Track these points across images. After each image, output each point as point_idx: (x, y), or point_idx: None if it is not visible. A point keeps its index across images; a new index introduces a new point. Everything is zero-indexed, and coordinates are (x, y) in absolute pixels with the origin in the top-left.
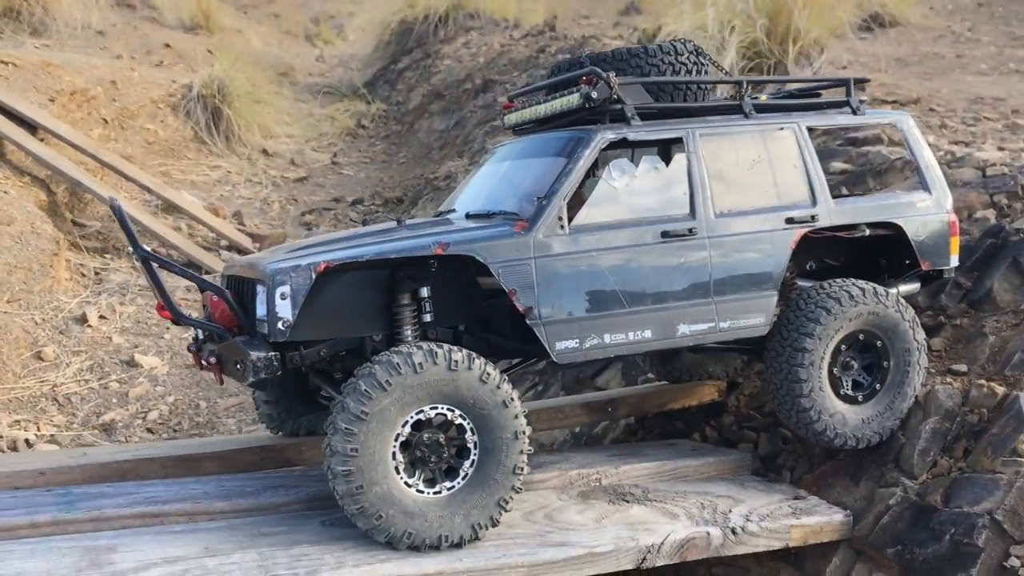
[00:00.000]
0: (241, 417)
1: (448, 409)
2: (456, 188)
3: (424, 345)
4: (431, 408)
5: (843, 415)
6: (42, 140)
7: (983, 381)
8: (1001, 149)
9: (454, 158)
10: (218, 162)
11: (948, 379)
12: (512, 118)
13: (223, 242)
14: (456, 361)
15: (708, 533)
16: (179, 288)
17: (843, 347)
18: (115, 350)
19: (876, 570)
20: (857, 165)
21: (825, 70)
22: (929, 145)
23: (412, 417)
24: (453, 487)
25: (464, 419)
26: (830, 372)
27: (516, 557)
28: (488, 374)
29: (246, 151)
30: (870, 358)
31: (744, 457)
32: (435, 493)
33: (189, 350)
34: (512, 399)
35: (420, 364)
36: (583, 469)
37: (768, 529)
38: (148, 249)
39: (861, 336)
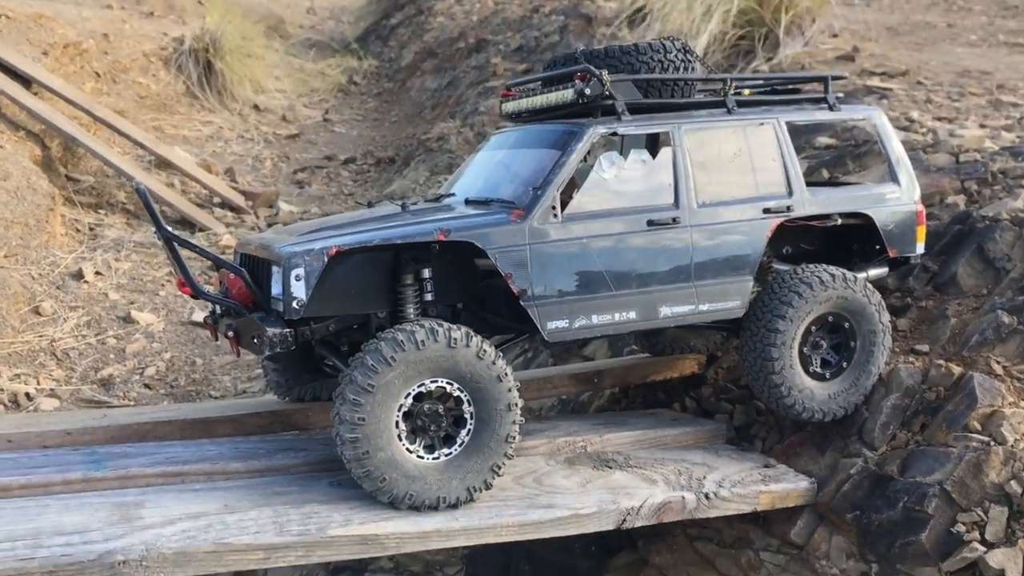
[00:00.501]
0: (236, 375)
1: (447, 382)
2: (455, 172)
3: (426, 323)
4: (431, 381)
5: (811, 391)
6: (36, 94)
7: (942, 361)
8: (983, 127)
9: (446, 119)
10: (210, 117)
11: (911, 358)
12: (509, 107)
13: (216, 199)
14: (455, 339)
15: (683, 497)
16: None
17: (813, 328)
18: (111, 306)
19: (836, 533)
20: (842, 140)
21: (816, 39)
22: (913, 121)
23: (414, 390)
24: (451, 453)
25: (461, 391)
26: (800, 351)
27: (507, 517)
28: (484, 351)
29: (237, 106)
30: (838, 338)
31: (720, 427)
32: (434, 459)
33: (205, 322)
34: (506, 374)
35: (422, 341)
36: (570, 436)
37: (739, 494)
38: (171, 230)
39: (830, 318)
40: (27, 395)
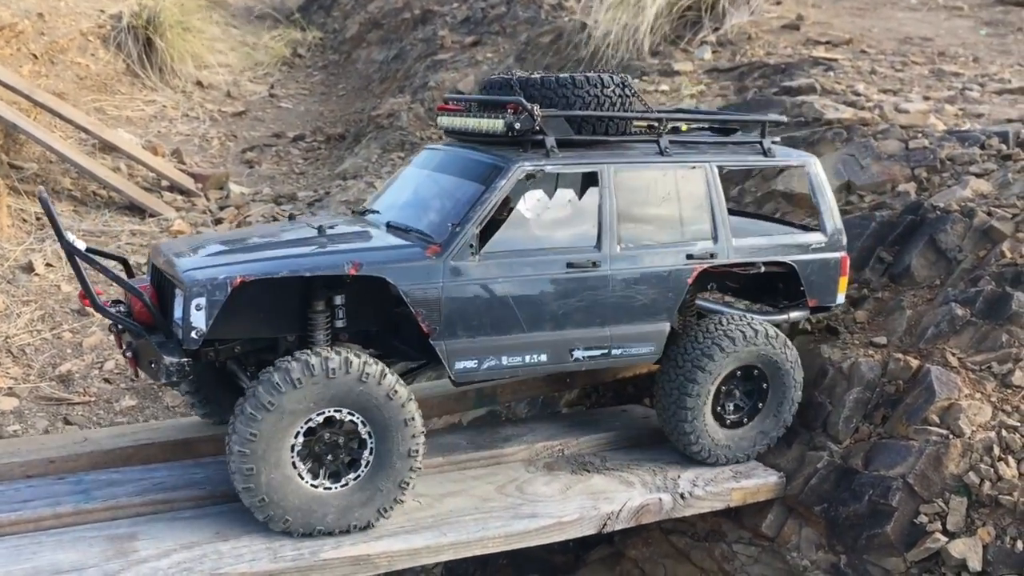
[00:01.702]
0: None
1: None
2: (383, 184)
3: (342, 352)
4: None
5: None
6: None
7: (900, 354)
8: (927, 99)
9: (396, 93)
10: (153, 96)
11: (870, 351)
12: (443, 122)
13: (164, 183)
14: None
15: (660, 499)
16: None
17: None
18: (64, 299)
19: (805, 525)
20: (792, 116)
21: (761, 7)
22: (859, 95)
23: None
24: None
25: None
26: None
27: (493, 530)
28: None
29: (180, 84)
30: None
31: None
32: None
33: (110, 331)
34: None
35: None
36: (547, 441)
37: (712, 493)
38: (73, 241)
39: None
40: None
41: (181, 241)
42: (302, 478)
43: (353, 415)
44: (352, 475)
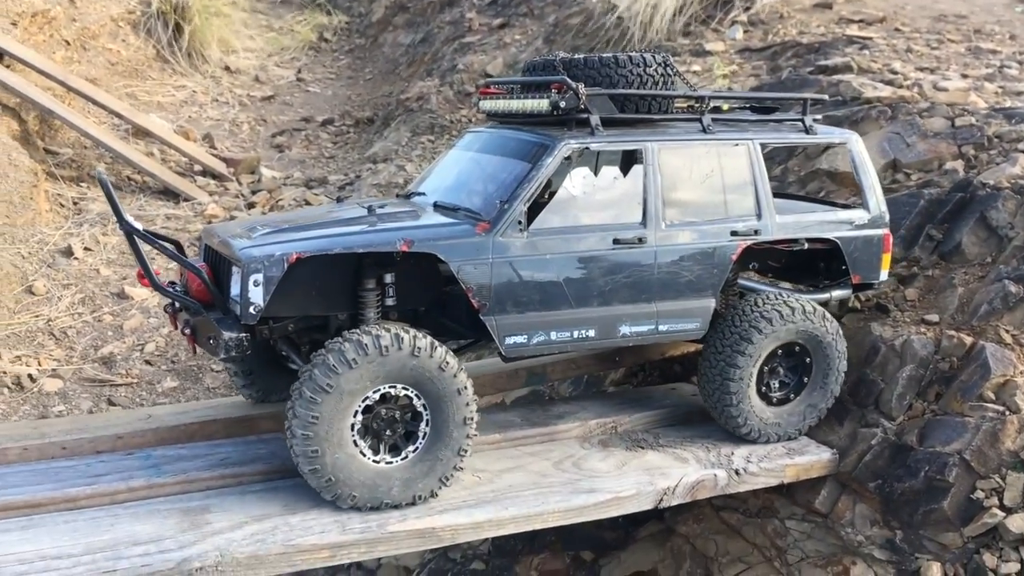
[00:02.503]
0: None
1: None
2: (427, 168)
3: (391, 328)
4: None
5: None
6: (8, 67)
7: (953, 332)
8: (965, 76)
9: (424, 77)
10: (182, 81)
11: (922, 328)
12: (486, 106)
13: (197, 167)
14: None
15: (715, 475)
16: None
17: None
18: (104, 282)
19: (860, 501)
20: (829, 95)
21: None
22: (897, 73)
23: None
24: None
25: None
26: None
27: (553, 504)
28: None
29: (209, 69)
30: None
31: None
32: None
33: (166, 311)
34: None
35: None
36: (600, 418)
37: (766, 469)
38: (132, 222)
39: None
40: (30, 376)
41: (233, 224)
42: (364, 455)
43: (407, 389)
44: (411, 447)
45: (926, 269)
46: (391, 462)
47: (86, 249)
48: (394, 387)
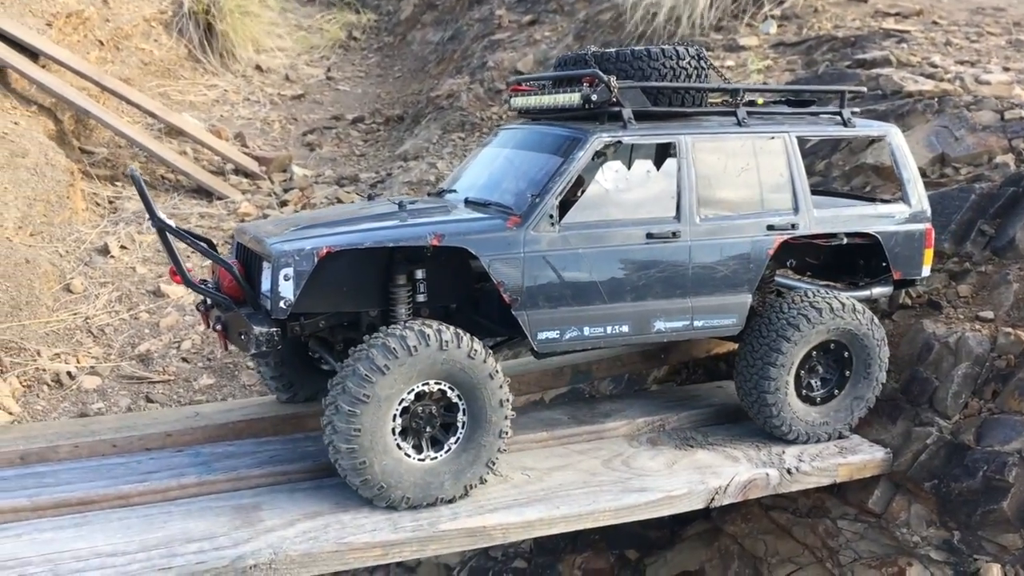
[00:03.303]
0: None
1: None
2: (459, 166)
3: (415, 326)
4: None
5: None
6: (44, 67)
7: (1009, 329)
8: (1007, 69)
9: (453, 74)
10: (214, 81)
11: (976, 325)
12: (518, 102)
13: (229, 165)
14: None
15: (767, 474)
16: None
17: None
18: (140, 280)
19: (915, 501)
20: (869, 89)
21: None
22: (937, 67)
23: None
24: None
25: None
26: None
27: (604, 503)
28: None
29: (240, 68)
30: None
31: None
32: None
33: (198, 309)
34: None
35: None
36: (647, 416)
37: (818, 468)
38: (164, 219)
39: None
40: (68, 374)
41: (266, 222)
42: (409, 456)
43: (440, 383)
44: (452, 439)
45: (979, 265)
46: (436, 457)
47: (122, 247)
48: (427, 384)
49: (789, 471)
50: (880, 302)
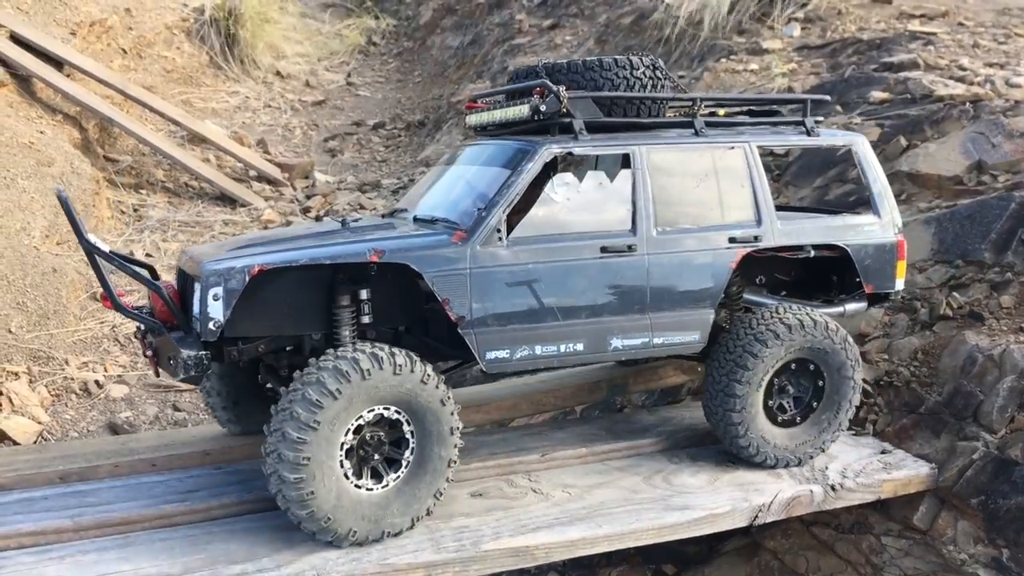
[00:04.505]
0: None
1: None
2: (411, 187)
3: (367, 348)
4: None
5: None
6: (68, 76)
7: None
8: None
9: (473, 79)
10: (235, 87)
11: (1021, 337)
12: (472, 119)
13: (251, 172)
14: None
15: (811, 491)
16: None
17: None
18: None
19: (961, 518)
20: (896, 93)
21: None
22: (966, 70)
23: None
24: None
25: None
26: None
27: (647, 521)
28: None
29: (261, 74)
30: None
31: None
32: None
33: (135, 336)
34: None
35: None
36: (685, 431)
37: (863, 484)
38: (93, 241)
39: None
40: (96, 383)
41: (210, 244)
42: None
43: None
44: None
45: (1021, 275)
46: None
47: (147, 255)
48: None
49: (833, 488)
50: (919, 313)
